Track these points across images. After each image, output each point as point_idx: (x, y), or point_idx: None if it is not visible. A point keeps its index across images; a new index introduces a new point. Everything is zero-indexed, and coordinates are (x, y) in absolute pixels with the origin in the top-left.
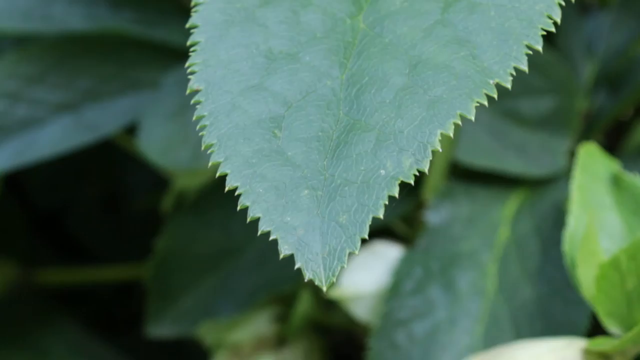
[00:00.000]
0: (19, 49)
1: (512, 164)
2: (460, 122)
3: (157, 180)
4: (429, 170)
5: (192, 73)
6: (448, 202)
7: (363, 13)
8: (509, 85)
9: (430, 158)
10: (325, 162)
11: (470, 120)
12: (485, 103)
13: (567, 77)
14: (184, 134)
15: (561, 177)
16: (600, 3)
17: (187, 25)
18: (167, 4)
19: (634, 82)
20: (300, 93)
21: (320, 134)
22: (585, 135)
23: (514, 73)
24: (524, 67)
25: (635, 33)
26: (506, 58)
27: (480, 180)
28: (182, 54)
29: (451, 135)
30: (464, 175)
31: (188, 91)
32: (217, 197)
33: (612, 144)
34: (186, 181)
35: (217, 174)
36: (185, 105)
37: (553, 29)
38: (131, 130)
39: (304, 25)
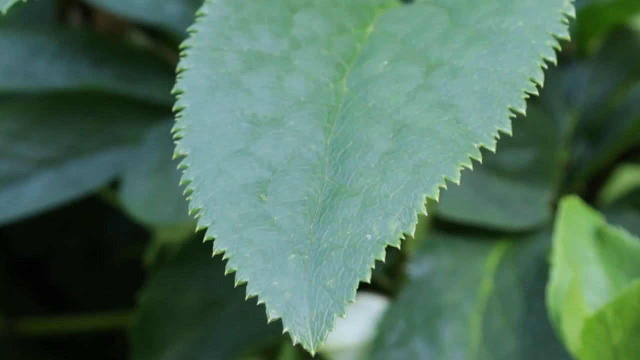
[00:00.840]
0: (1, 107)
1: (494, 217)
2: (445, 186)
3: (140, 231)
4: None
5: (178, 139)
6: (430, 254)
7: (346, 77)
8: (493, 149)
9: (417, 222)
10: (311, 226)
11: None
12: (470, 167)
13: (547, 129)
14: (166, 190)
15: (543, 229)
16: (578, 54)
17: (173, 91)
18: (148, 60)
19: (613, 133)
20: (285, 157)
21: (305, 198)
22: (566, 185)
23: (498, 136)
24: (508, 131)
25: (613, 84)
26: (490, 122)
27: (462, 233)
28: (164, 110)
29: (437, 199)
30: (445, 228)
31: (174, 156)
32: (200, 250)
33: (593, 192)
34: (169, 235)
35: (205, 239)
36: (167, 162)
37: (536, 92)
38: (114, 183)
39: (288, 90)
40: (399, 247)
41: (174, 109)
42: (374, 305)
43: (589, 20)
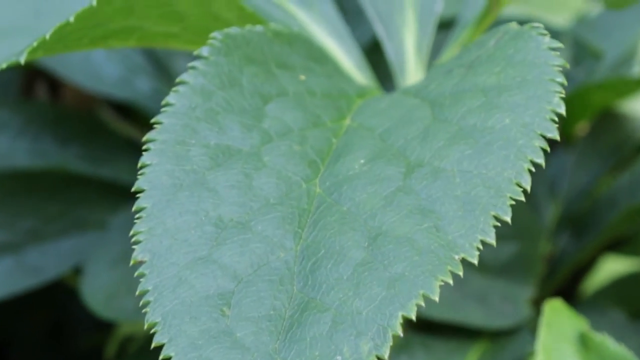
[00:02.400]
0: None
1: (473, 315)
2: (423, 303)
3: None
4: None
5: (136, 243)
6: (405, 355)
7: (320, 176)
8: (475, 261)
9: (391, 343)
10: (276, 345)
11: None
12: (450, 281)
13: (530, 220)
14: (128, 282)
15: (523, 328)
16: (564, 139)
17: (133, 189)
18: (116, 138)
19: (598, 224)
20: (252, 266)
21: (271, 312)
22: (548, 280)
23: (481, 247)
24: (491, 241)
25: (599, 173)
26: (472, 230)
27: (438, 332)
28: (131, 193)
29: (413, 317)
30: (421, 327)
31: (132, 262)
32: None
33: (574, 282)
34: (131, 328)
35: (161, 357)
36: (131, 252)
37: (522, 198)
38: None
39: (257, 190)
40: None
41: (133, 209)
42: None
43: (575, 104)
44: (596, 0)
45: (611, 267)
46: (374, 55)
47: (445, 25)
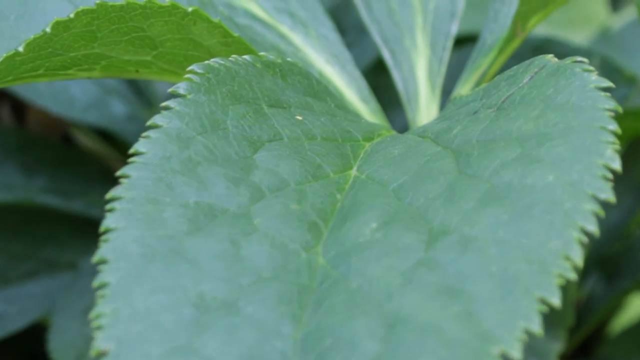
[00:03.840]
0: None
1: None
2: None
3: None
4: None
5: (98, 328)
6: None
7: (323, 243)
8: (518, 355)
9: None
10: None
11: None
12: None
13: None
14: None
15: None
16: None
17: (94, 260)
18: (89, 167)
19: (633, 267)
20: (241, 358)
21: None
22: (576, 331)
23: (525, 337)
24: (537, 329)
25: (631, 211)
26: (513, 317)
27: None
28: None
29: None
30: None
31: (93, 353)
32: None
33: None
34: None
35: None
36: None
37: (572, 276)
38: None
39: (246, 261)
40: None
41: (94, 284)
42: None
43: None
44: (620, 12)
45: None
46: (379, 76)
47: (460, 42)
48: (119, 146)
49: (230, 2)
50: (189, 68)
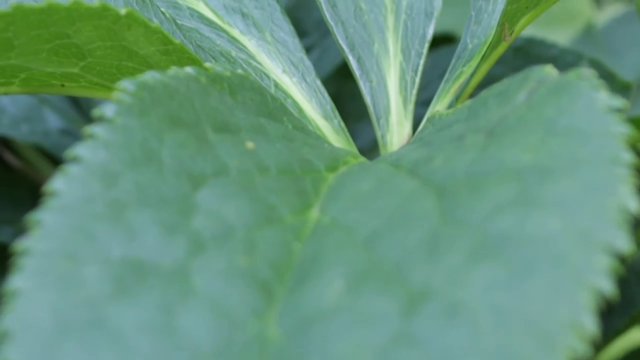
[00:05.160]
0: None
1: None
2: None
3: None
4: None
5: None
6: None
7: (276, 309)
8: None
9: None
10: None
11: None
12: None
13: None
14: None
15: None
16: None
17: None
18: (18, 190)
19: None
20: None
21: None
22: None
23: None
24: None
25: None
26: None
27: None
28: None
29: None
30: None
31: None
32: None
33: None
34: None
35: None
36: None
37: (583, 350)
38: None
39: (181, 333)
40: None
41: None
42: None
43: None
44: (603, 8)
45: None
46: (345, 82)
47: (434, 43)
48: (53, 164)
49: (173, 1)
50: (119, 85)
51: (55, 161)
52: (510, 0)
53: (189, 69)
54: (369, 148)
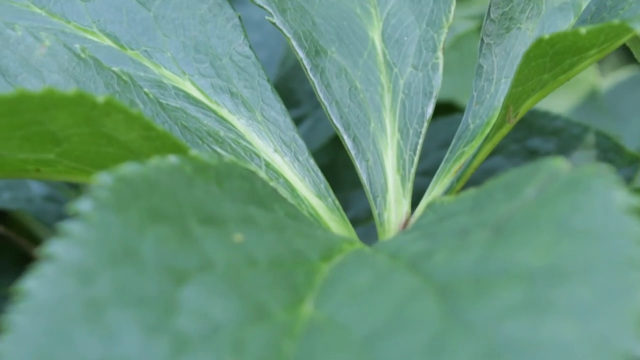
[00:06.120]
0: None
1: None
2: None
3: None
4: None
5: None
6: None
7: None
8: None
9: None
10: None
11: None
12: None
13: None
14: None
15: None
16: None
17: None
18: (1, 255)
19: None
20: None
21: None
22: None
23: None
24: None
25: None
26: None
27: None
28: None
29: None
30: None
31: None
32: None
33: None
34: None
35: None
36: None
37: None
38: None
39: None
40: None
41: None
42: None
43: None
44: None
45: None
46: (339, 151)
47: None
48: (36, 229)
49: (158, 80)
50: (96, 178)
51: (37, 226)
52: (515, 82)
53: (172, 159)
54: (365, 217)
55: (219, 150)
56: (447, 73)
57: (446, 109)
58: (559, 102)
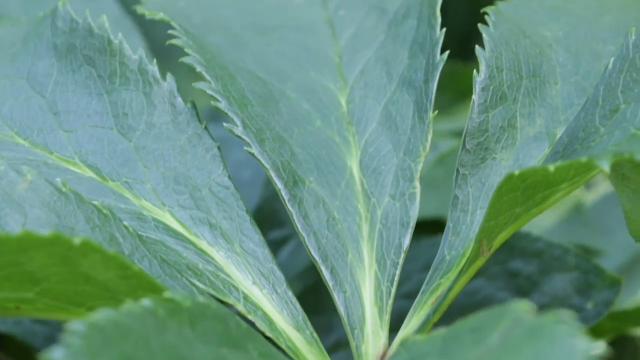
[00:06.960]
0: None
1: None
2: None
3: None
4: None
5: None
6: None
7: None
8: None
9: None
10: None
11: None
12: None
13: None
14: None
15: None
16: None
17: None
18: None
19: None
20: None
21: None
22: None
23: None
24: None
25: None
26: None
27: None
28: None
29: None
30: None
31: None
32: None
33: None
34: None
35: None
36: None
37: None
38: None
39: None
40: None
41: None
42: None
43: None
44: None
45: None
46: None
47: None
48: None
49: (138, 212)
50: (68, 327)
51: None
52: (488, 217)
53: (146, 302)
54: (347, 341)
55: (197, 283)
56: (432, 189)
57: (431, 225)
58: (543, 216)
